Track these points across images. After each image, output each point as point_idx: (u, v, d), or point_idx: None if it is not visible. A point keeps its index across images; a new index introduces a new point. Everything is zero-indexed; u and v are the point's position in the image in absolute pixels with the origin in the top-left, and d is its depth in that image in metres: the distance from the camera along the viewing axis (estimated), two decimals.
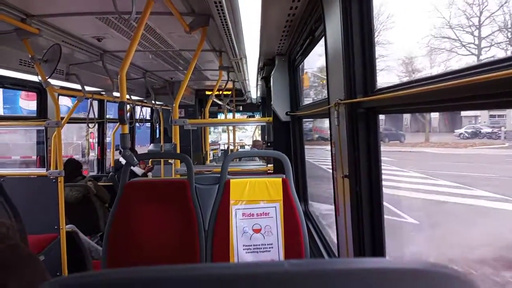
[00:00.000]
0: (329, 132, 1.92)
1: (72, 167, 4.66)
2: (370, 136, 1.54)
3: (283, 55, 3.65)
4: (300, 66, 3.54)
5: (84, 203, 4.34)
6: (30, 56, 2.93)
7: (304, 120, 3.70)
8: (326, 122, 2.10)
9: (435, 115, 5.78)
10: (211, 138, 10.36)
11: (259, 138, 10.20)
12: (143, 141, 9.51)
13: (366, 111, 1.53)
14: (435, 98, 1.04)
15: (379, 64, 1.84)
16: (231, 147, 7.33)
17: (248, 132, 11.87)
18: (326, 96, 1.96)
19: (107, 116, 6.52)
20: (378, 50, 1.72)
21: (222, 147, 10.90)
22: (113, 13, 1.98)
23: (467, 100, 0.94)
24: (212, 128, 10.73)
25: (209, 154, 7.35)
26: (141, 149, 8.97)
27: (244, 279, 0.38)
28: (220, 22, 2.50)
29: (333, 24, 1.71)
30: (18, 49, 3.04)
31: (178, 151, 3.16)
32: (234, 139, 6.95)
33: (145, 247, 2.29)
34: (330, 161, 1.95)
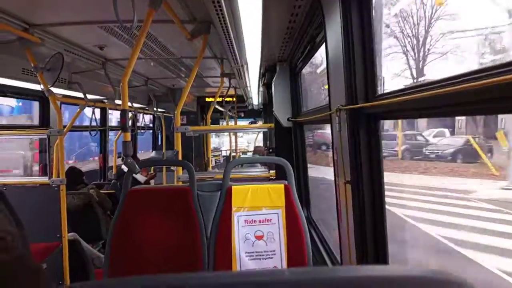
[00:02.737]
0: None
1: (74, 175, 4.66)
2: (371, 141, 1.54)
3: (284, 62, 3.66)
4: (301, 72, 3.55)
5: (86, 211, 4.33)
6: (32, 65, 2.95)
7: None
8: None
9: None
10: (213, 143, 10.36)
11: (260, 144, 10.21)
12: (145, 146, 9.50)
13: (368, 117, 1.53)
14: (437, 103, 1.04)
15: None
16: (233, 153, 7.34)
17: (250, 135, 11.83)
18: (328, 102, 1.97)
19: (109, 124, 6.53)
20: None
21: (224, 153, 10.91)
22: (115, 22, 2.00)
23: (470, 106, 0.94)
24: (213, 134, 10.73)
25: (211, 160, 7.35)
26: (142, 155, 8.95)
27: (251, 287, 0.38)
28: (221, 30, 2.52)
29: (334, 30, 1.71)
30: (20, 58, 3.06)
31: (180, 158, 3.16)
32: (236, 145, 6.95)
33: (147, 255, 2.28)
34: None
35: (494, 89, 0.79)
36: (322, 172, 6.07)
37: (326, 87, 1.99)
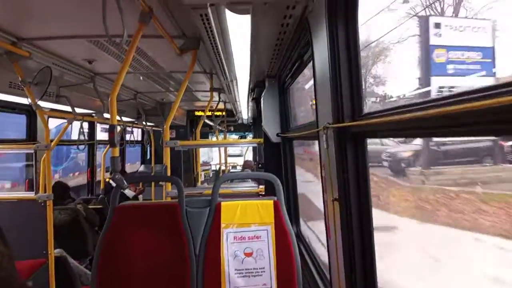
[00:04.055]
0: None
1: (61, 190, 4.60)
2: (358, 159, 1.55)
3: (273, 77, 3.69)
4: (290, 87, 3.57)
5: (73, 226, 4.27)
6: (20, 78, 2.93)
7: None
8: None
9: None
10: (202, 157, 10.33)
11: (250, 158, 10.21)
12: (133, 159, 9.40)
13: (354, 135, 1.55)
14: (420, 124, 1.06)
15: None
16: (223, 167, 7.32)
17: (239, 148, 11.79)
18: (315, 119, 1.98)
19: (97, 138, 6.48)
20: None
21: (213, 167, 10.88)
22: (104, 36, 2.00)
23: (453, 127, 0.95)
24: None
25: (200, 174, 7.32)
26: (130, 167, 8.86)
27: None
28: (210, 45, 2.53)
29: (320, 49, 1.74)
30: (8, 71, 3.04)
31: (169, 172, 3.15)
32: (226, 159, 6.95)
33: (135, 271, 2.25)
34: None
35: (475, 113, 0.80)
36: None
37: (314, 102, 2.01)
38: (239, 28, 2.16)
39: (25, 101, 3.32)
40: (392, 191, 3.66)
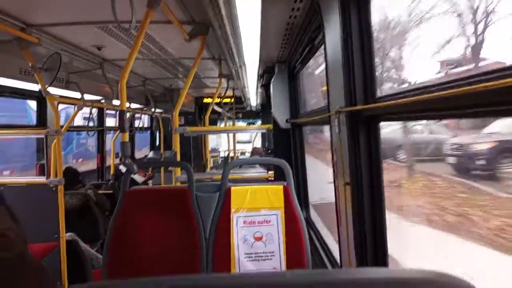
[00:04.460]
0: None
1: (71, 175, 4.65)
2: (371, 144, 1.54)
3: (283, 63, 3.66)
4: (300, 73, 3.55)
5: (84, 211, 4.32)
6: (30, 65, 2.94)
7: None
8: None
9: None
10: (211, 144, 10.34)
11: (258, 145, 10.20)
12: (142, 145, 9.44)
13: (367, 119, 1.53)
14: (436, 105, 1.04)
15: None
16: (231, 154, 7.33)
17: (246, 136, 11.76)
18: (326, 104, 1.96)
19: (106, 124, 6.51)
20: None
21: (222, 154, 10.90)
22: (113, 22, 1.99)
23: (470, 108, 0.94)
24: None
25: (209, 161, 7.35)
26: (139, 154, 8.91)
27: None
28: (220, 31, 2.51)
29: (332, 32, 1.71)
30: (18, 58, 3.05)
31: (179, 158, 3.16)
32: (234, 146, 6.95)
33: (146, 256, 2.28)
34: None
35: (492, 93, 0.79)
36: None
37: (325, 88, 1.99)
38: (248, 13, 2.14)
39: (35, 87, 3.32)
40: (488, 206, 2.20)
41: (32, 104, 4.47)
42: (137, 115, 6.83)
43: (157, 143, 8.38)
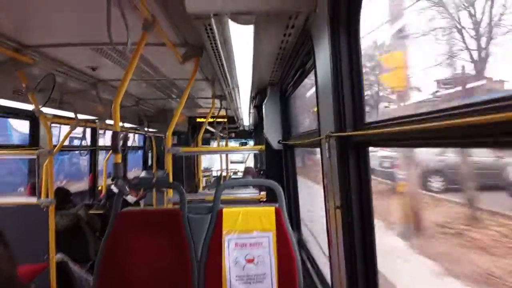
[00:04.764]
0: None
1: (62, 195, 4.61)
2: (360, 168, 1.56)
3: (275, 85, 3.71)
4: (292, 96, 3.60)
5: (75, 232, 4.27)
6: (23, 85, 2.95)
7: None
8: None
9: None
10: (203, 163, 10.34)
11: (251, 165, 10.21)
12: (133, 164, 9.37)
13: (356, 144, 1.56)
14: (424, 135, 1.07)
15: None
16: (224, 174, 7.32)
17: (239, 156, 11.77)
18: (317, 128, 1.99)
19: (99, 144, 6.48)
20: None
21: (214, 173, 10.88)
22: (108, 44, 2.02)
23: (457, 139, 0.96)
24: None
25: (202, 180, 7.34)
26: (131, 173, 8.85)
27: None
28: (213, 53, 2.56)
29: (322, 58, 1.75)
30: (11, 78, 3.06)
31: (171, 178, 3.16)
32: (227, 166, 6.95)
33: (136, 277, 2.26)
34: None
35: (481, 126, 0.81)
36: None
37: (316, 109, 2.02)
38: (241, 38, 2.18)
39: (28, 107, 3.33)
40: None
41: (13, 121, 4.45)
42: (130, 135, 6.82)
43: (150, 162, 8.35)
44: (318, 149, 1.96)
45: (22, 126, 7.05)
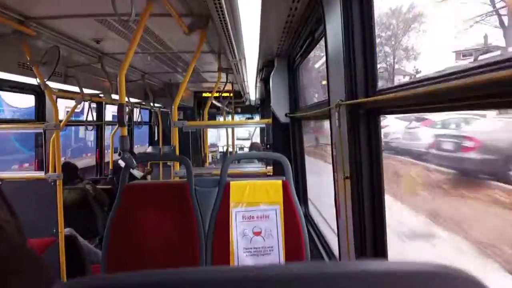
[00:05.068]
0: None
1: (70, 170, 4.63)
2: (371, 137, 1.53)
3: (283, 57, 3.65)
4: (300, 67, 3.53)
5: (83, 206, 4.32)
6: (28, 58, 2.92)
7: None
8: None
9: None
10: (209, 139, 10.35)
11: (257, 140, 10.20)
12: (138, 141, 9.40)
13: (368, 112, 1.52)
14: (437, 98, 1.03)
15: None
16: (230, 149, 7.32)
17: (251, 128, 11.74)
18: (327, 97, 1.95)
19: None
20: None
21: (220, 149, 10.89)
22: (112, 15, 1.97)
23: (471, 100, 0.93)
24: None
25: (208, 156, 7.36)
26: (137, 149, 8.89)
27: (250, 282, 0.37)
28: (220, 24, 2.50)
29: (334, 24, 1.70)
30: (16, 51, 3.03)
31: (177, 153, 3.15)
32: (233, 141, 6.94)
33: (145, 250, 2.27)
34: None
35: (495, 84, 0.78)
36: None
37: (325, 82, 1.98)
38: (249, 6, 2.12)
39: (33, 81, 3.31)
40: None
41: (4, 95, 4.39)
42: (135, 109, 6.81)
43: (156, 138, 8.37)
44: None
45: (17, 101, 6.96)
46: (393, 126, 3.40)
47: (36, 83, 3.15)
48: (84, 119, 4.68)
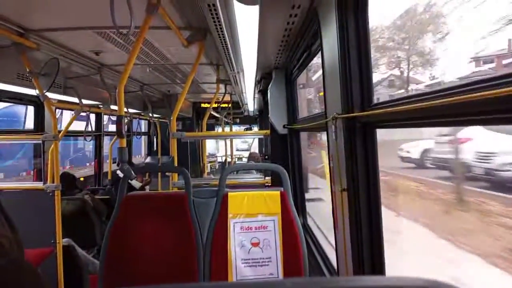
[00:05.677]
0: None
1: (68, 181, 4.63)
2: (367, 150, 1.54)
3: (280, 69, 3.67)
4: (297, 79, 3.56)
5: (81, 217, 4.31)
6: (27, 70, 2.94)
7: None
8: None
9: None
10: (208, 149, 10.33)
11: (255, 150, 10.20)
12: (136, 151, 9.38)
13: (364, 126, 1.54)
14: (432, 113, 1.05)
15: None
16: (229, 160, 7.33)
17: (249, 139, 11.73)
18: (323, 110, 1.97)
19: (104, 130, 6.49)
20: None
21: (219, 159, 10.89)
22: (112, 27, 2.00)
23: (465, 116, 0.95)
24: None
25: (207, 166, 7.35)
26: (135, 159, 8.88)
27: None
28: (218, 36, 2.52)
29: (330, 38, 1.72)
30: (16, 63, 3.05)
31: (176, 164, 3.16)
32: (231, 151, 6.95)
33: (143, 261, 2.27)
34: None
35: (489, 101, 0.79)
36: None
37: (322, 94, 2.00)
38: (246, 19, 2.15)
39: (33, 92, 3.32)
40: None
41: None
42: (134, 120, 6.83)
43: (154, 148, 8.37)
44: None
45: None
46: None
47: (35, 94, 3.17)
48: (84, 129, 4.69)
